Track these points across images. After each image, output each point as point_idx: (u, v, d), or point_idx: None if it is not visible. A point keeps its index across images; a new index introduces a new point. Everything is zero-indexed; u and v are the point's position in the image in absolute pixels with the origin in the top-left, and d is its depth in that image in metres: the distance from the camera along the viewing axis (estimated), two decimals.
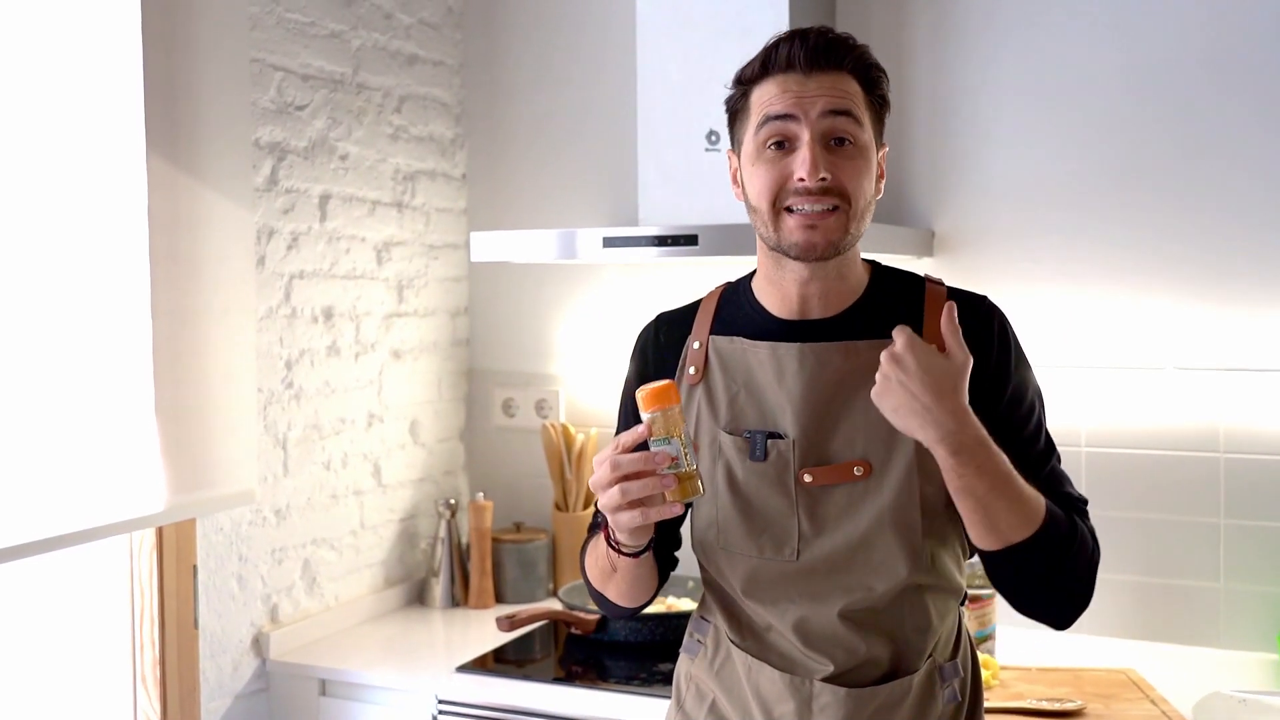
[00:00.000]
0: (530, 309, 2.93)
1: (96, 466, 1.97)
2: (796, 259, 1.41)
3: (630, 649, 2.39)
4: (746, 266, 1.57)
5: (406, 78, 2.78)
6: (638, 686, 2.18)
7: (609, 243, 2.26)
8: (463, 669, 2.30)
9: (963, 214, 2.53)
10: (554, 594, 2.79)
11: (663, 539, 1.52)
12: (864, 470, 1.41)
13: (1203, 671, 2.21)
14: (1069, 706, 1.99)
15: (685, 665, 1.58)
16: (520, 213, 2.92)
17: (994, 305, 1.48)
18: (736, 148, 1.48)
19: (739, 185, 1.48)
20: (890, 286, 1.48)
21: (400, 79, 2.76)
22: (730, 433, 1.46)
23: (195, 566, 2.24)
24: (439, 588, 2.74)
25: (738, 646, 1.49)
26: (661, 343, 1.55)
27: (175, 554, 2.20)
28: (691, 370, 1.49)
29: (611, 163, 2.80)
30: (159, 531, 2.17)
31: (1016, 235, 2.48)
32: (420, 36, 2.82)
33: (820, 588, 1.43)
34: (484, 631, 2.53)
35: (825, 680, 1.42)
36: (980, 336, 1.43)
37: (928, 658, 1.45)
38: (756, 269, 1.52)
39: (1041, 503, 1.35)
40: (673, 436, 1.32)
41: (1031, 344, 1.52)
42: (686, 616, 1.65)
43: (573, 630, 2.47)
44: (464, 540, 2.82)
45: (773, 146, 1.40)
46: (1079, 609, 1.41)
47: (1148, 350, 2.39)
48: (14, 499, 1.85)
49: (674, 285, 2.59)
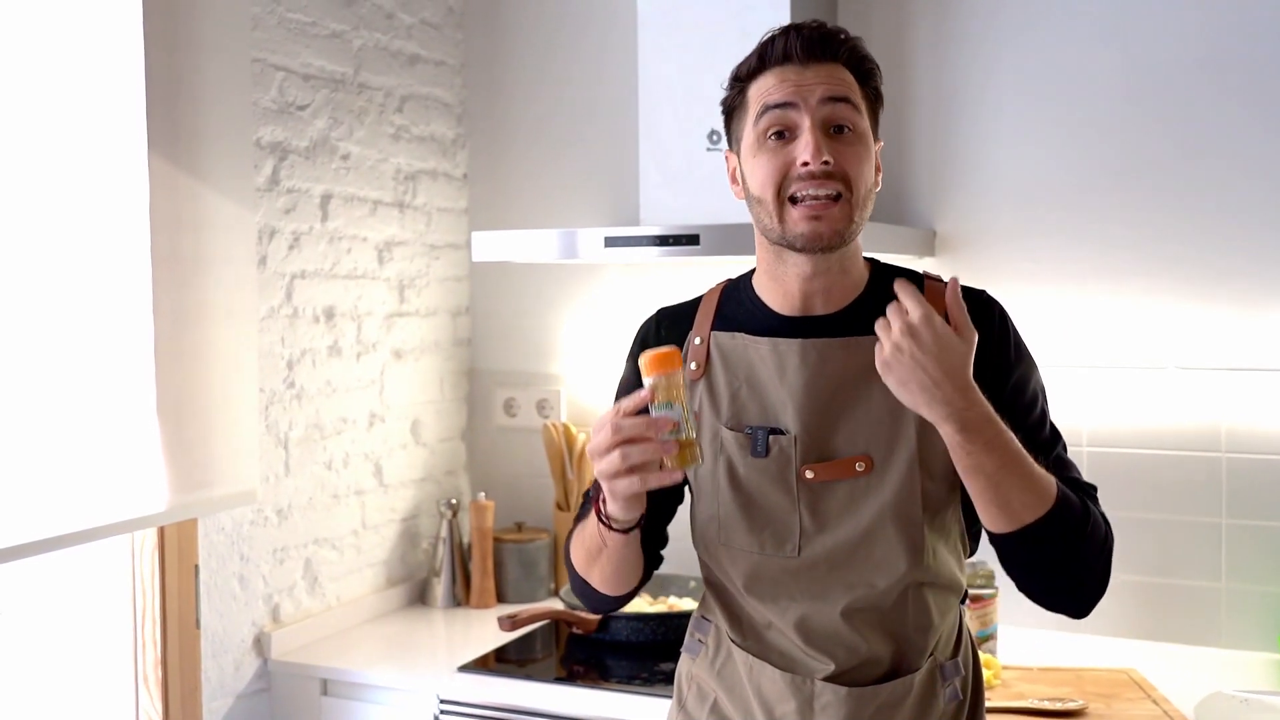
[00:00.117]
0: (531, 309, 2.93)
1: (98, 466, 1.97)
2: (802, 250, 1.40)
3: (632, 649, 2.39)
4: (748, 266, 1.57)
5: (408, 78, 2.78)
6: (639, 686, 2.18)
7: (610, 242, 2.26)
8: (464, 669, 2.30)
9: (964, 214, 2.53)
10: (555, 594, 2.79)
11: (650, 528, 1.51)
12: (865, 466, 1.41)
13: (1204, 671, 2.21)
14: (1070, 706, 1.99)
15: (686, 665, 1.58)
16: (521, 212, 2.92)
17: (993, 299, 1.48)
18: (735, 145, 1.47)
19: (738, 183, 1.48)
20: (890, 283, 1.48)
21: (401, 79, 2.76)
22: (732, 429, 1.46)
23: (197, 566, 2.24)
24: (440, 587, 2.74)
25: (739, 646, 1.49)
26: (662, 337, 1.55)
27: (177, 554, 2.21)
28: (693, 366, 1.49)
29: (613, 162, 2.80)
30: (161, 531, 2.17)
31: (1018, 235, 2.48)
32: (422, 36, 2.83)
33: (822, 584, 1.43)
34: (485, 631, 2.53)
35: (826, 679, 1.42)
36: (981, 328, 1.43)
37: (929, 656, 1.45)
38: (756, 266, 1.52)
39: (1053, 482, 1.33)
40: (675, 402, 1.29)
41: (1033, 344, 1.52)
42: (688, 616, 1.64)
43: (574, 630, 2.47)
44: (465, 540, 2.82)
45: (773, 136, 1.39)
46: (1097, 594, 1.39)
47: (1149, 350, 2.39)
48: (16, 499, 1.85)
49: (675, 285, 2.59)
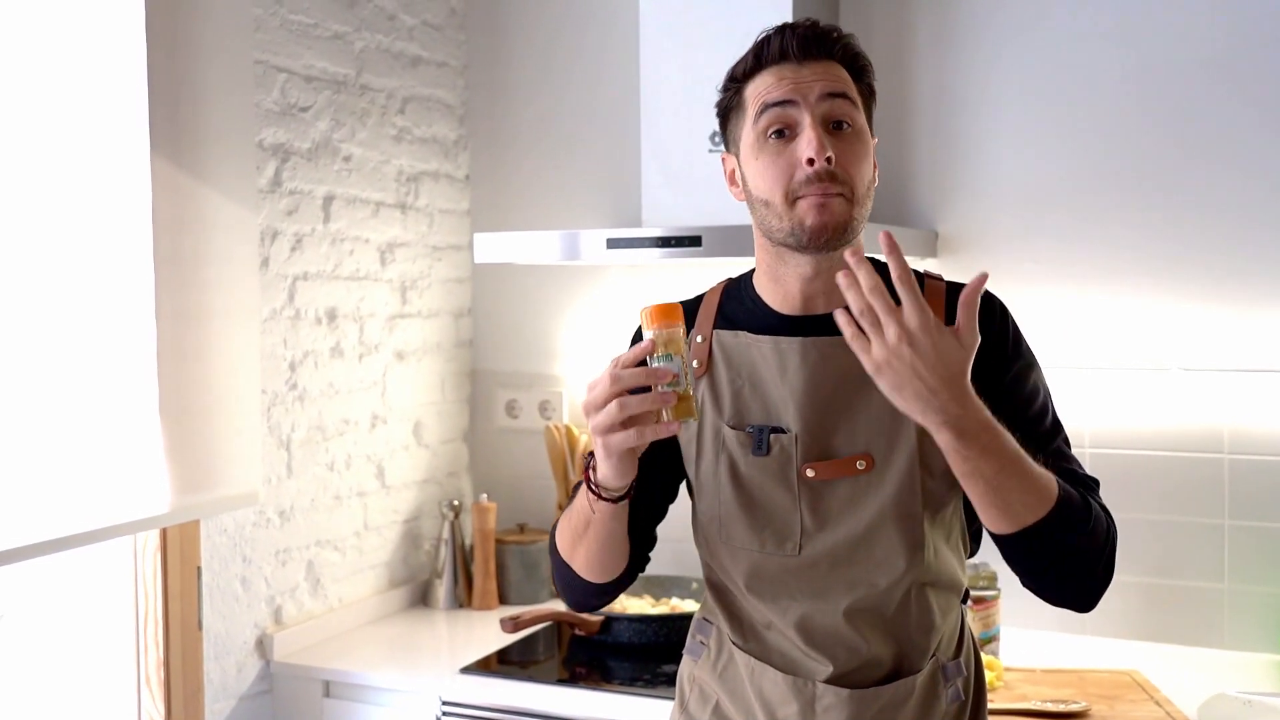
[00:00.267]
0: (533, 310, 2.93)
1: (101, 468, 1.97)
2: (808, 244, 1.39)
3: (634, 650, 2.39)
4: (749, 267, 1.56)
5: (410, 79, 2.78)
6: (641, 688, 2.18)
7: (612, 244, 2.26)
8: (466, 670, 2.30)
9: (966, 215, 2.52)
10: (556, 594, 2.79)
11: (640, 524, 1.49)
12: (866, 464, 1.40)
13: (1207, 673, 2.20)
14: (1073, 708, 1.99)
15: (688, 667, 1.58)
16: (523, 214, 2.92)
17: (992, 294, 1.47)
18: (733, 146, 1.47)
19: (737, 184, 1.47)
20: (890, 282, 1.48)
21: (403, 80, 2.76)
22: (734, 427, 1.46)
23: (199, 568, 2.25)
24: (442, 589, 2.74)
25: (740, 648, 1.49)
26: None
27: (179, 555, 2.21)
28: (695, 364, 1.49)
29: (614, 164, 2.80)
30: (163, 533, 2.17)
31: (1020, 236, 2.48)
32: (423, 38, 2.83)
33: (823, 584, 1.42)
34: (487, 633, 2.53)
35: (828, 681, 1.42)
36: (981, 322, 1.42)
37: (931, 657, 1.44)
38: (756, 267, 1.52)
39: (1053, 481, 1.32)
40: (674, 355, 1.28)
41: (1036, 345, 1.52)
42: (690, 618, 1.64)
43: (576, 631, 2.47)
44: (467, 541, 2.82)
45: (773, 135, 1.39)
46: (1101, 587, 1.39)
47: (1152, 351, 2.39)
48: (19, 500, 1.85)
49: (677, 286, 2.58)
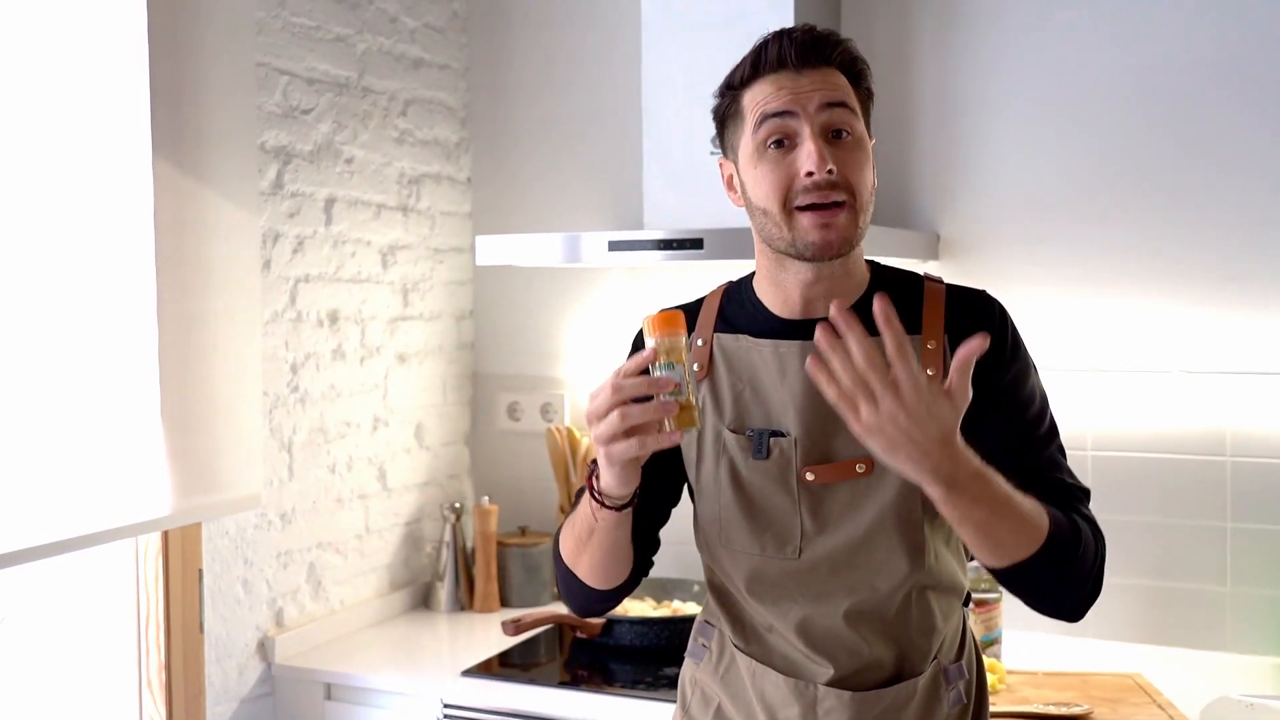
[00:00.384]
0: (535, 313, 2.93)
1: (102, 470, 1.97)
2: (812, 259, 1.39)
3: (636, 653, 2.39)
4: (751, 269, 1.56)
5: (412, 81, 2.78)
6: (643, 691, 2.18)
7: (614, 246, 2.26)
8: (468, 673, 2.30)
9: (968, 218, 2.52)
10: (559, 598, 2.79)
11: (642, 529, 1.49)
12: (866, 467, 1.40)
13: (1210, 675, 2.20)
14: (1076, 711, 1.99)
15: (690, 670, 1.58)
16: (525, 216, 2.92)
17: (992, 298, 1.48)
18: (731, 153, 1.47)
19: (735, 190, 1.47)
20: (890, 284, 1.48)
21: (405, 83, 2.76)
22: (734, 430, 1.46)
23: (201, 570, 2.24)
24: (444, 592, 2.74)
25: (741, 651, 1.49)
26: None
27: (181, 558, 2.21)
28: (695, 367, 1.49)
29: (616, 166, 2.80)
30: (165, 535, 2.17)
31: (1022, 239, 2.48)
32: (425, 40, 2.83)
33: (823, 587, 1.42)
34: (489, 635, 2.53)
35: (829, 684, 1.42)
36: (978, 326, 1.42)
37: (932, 660, 1.44)
38: (755, 271, 1.52)
39: (1044, 518, 1.31)
40: (676, 364, 1.28)
41: (1037, 347, 1.52)
42: (692, 620, 1.64)
43: (578, 634, 2.47)
44: (469, 544, 2.82)
45: (773, 145, 1.39)
46: (1089, 602, 1.39)
47: (1154, 353, 2.38)
48: (21, 503, 1.85)
49: (679, 289, 2.58)
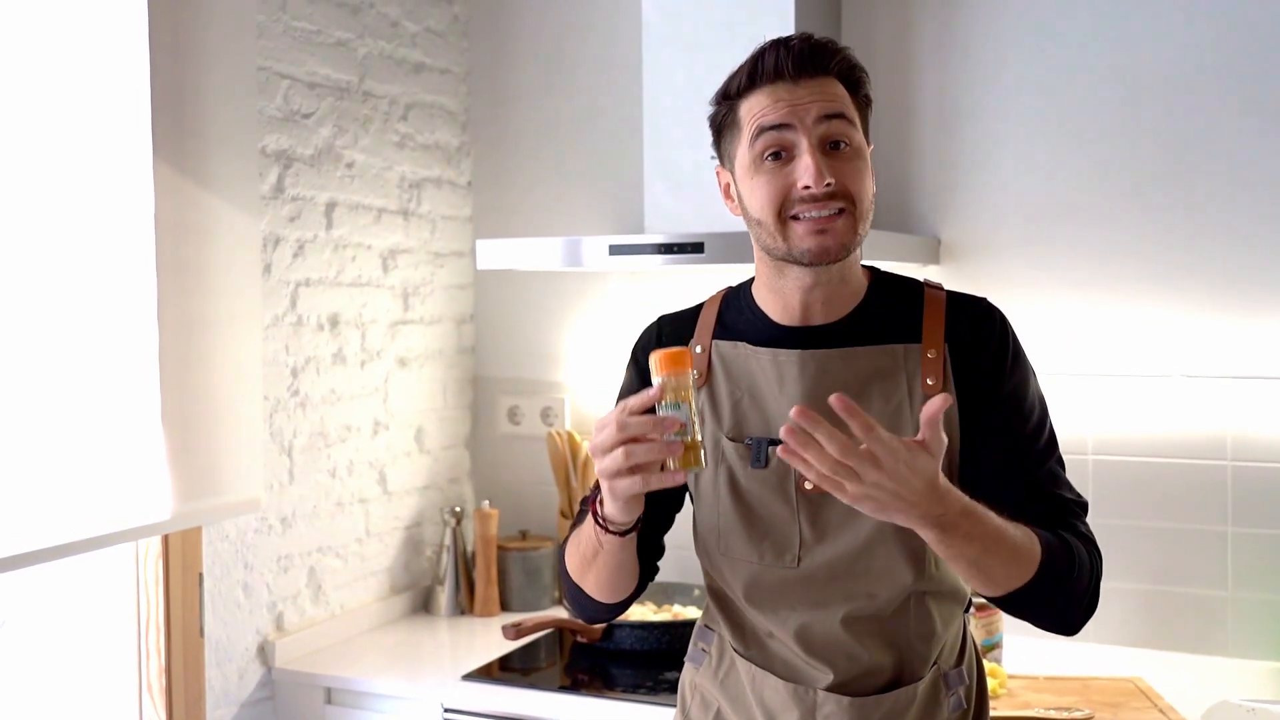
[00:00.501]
0: (536, 316, 2.93)
1: (103, 474, 1.97)
2: (809, 265, 1.39)
3: (636, 657, 2.38)
4: (752, 274, 1.56)
5: (412, 85, 2.78)
6: (643, 695, 2.18)
7: (615, 250, 2.26)
8: (468, 677, 2.30)
9: (969, 222, 2.52)
10: (560, 602, 2.79)
11: (647, 536, 1.49)
12: None
13: (1210, 680, 2.20)
14: (1077, 716, 1.99)
15: (690, 674, 1.57)
16: (526, 220, 2.92)
17: (994, 306, 1.47)
18: (728, 162, 1.46)
19: (733, 199, 1.47)
20: (890, 291, 1.48)
21: (406, 87, 2.76)
22: (733, 439, 1.45)
23: (201, 574, 2.24)
24: (444, 596, 2.74)
25: (741, 656, 1.49)
26: (663, 344, 1.54)
27: (181, 562, 2.21)
28: (694, 374, 1.48)
29: (617, 170, 2.80)
30: (165, 539, 2.17)
31: (1022, 243, 2.48)
32: (426, 44, 2.83)
33: (821, 595, 1.42)
34: (489, 639, 2.53)
35: (828, 689, 1.41)
36: (979, 336, 1.42)
37: (932, 665, 1.44)
38: (755, 277, 1.51)
39: (1036, 547, 1.31)
40: (682, 403, 1.28)
41: (1038, 352, 1.52)
42: (692, 625, 1.64)
43: (578, 638, 2.47)
44: (469, 548, 2.82)
45: (770, 158, 1.38)
46: (1084, 619, 1.40)
47: (1155, 358, 2.38)
48: (21, 507, 1.85)
49: (680, 293, 2.56)
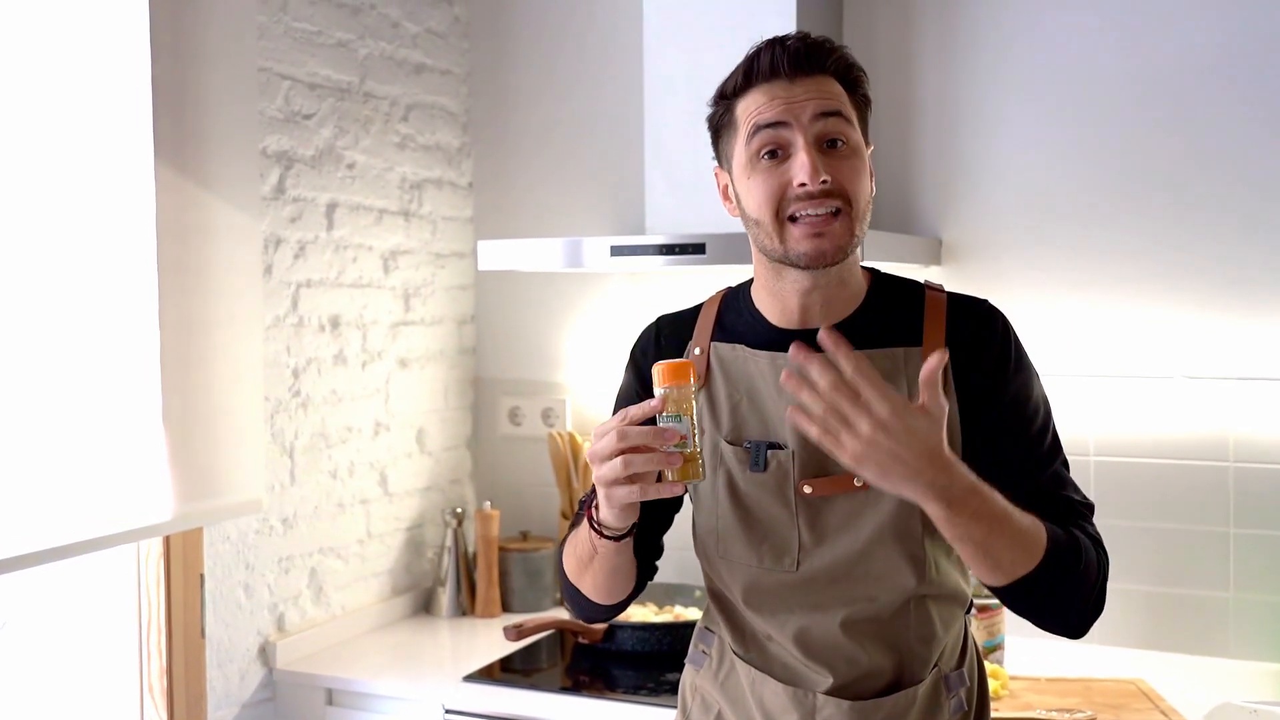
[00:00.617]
0: (537, 317, 2.93)
1: (104, 476, 1.97)
2: (806, 268, 1.39)
3: (637, 659, 2.38)
4: (752, 275, 1.56)
5: (413, 86, 2.78)
6: (645, 696, 2.18)
7: (616, 251, 2.26)
8: (469, 678, 2.30)
9: (970, 223, 2.52)
10: (561, 603, 2.79)
11: (645, 538, 1.49)
12: (864, 481, 1.39)
13: (1213, 681, 2.20)
14: (1079, 717, 1.98)
15: (690, 676, 1.57)
16: (527, 221, 2.92)
17: (995, 308, 1.47)
18: (725, 163, 1.46)
19: (731, 200, 1.46)
20: (890, 293, 1.47)
21: (407, 88, 2.76)
22: (731, 442, 1.45)
23: (202, 575, 2.24)
24: (445, 597, 2.74)
25: (741, 658, 1.49)
26: (662, 345, 1.54)
27: (182, 563, 2.21)
28: (696, 385, 1.48)
29: (618, 171, 2.80)
30: (166, 540, 2.17)
31: (1024, 244, 2.48)
32: (427, 45, 2.83)
33: (821, 598, 1.42)
34: (491, 640, 2.53)
35: (828, 692, 1.41)
36: (981, 339, 1.42)
37: (933, 668, 1.44)
38: (754, 279, 1.51)
39: (1042, 534, 1.31)
40: (683, 415, 1.28)
41: (1040, 353, 1.52)
42: (692, 626, 1.64)
43: (580, 639, 2.47)
44: (470, 549, 2.82)
45: (766, 156, 1.38)
46: (1091, 619, 1.39)
47: (1157, 359, 2.38)
48: (22, 508, 1.85)
49: (681, 294, 2.56)
